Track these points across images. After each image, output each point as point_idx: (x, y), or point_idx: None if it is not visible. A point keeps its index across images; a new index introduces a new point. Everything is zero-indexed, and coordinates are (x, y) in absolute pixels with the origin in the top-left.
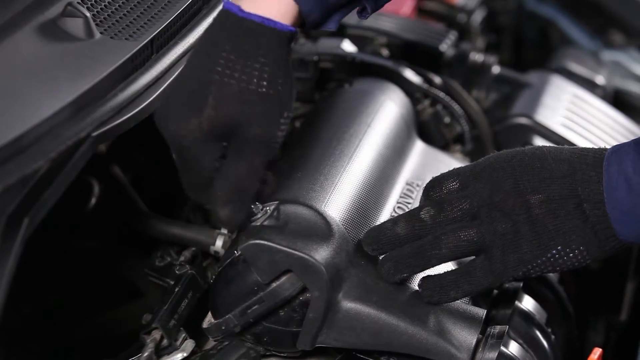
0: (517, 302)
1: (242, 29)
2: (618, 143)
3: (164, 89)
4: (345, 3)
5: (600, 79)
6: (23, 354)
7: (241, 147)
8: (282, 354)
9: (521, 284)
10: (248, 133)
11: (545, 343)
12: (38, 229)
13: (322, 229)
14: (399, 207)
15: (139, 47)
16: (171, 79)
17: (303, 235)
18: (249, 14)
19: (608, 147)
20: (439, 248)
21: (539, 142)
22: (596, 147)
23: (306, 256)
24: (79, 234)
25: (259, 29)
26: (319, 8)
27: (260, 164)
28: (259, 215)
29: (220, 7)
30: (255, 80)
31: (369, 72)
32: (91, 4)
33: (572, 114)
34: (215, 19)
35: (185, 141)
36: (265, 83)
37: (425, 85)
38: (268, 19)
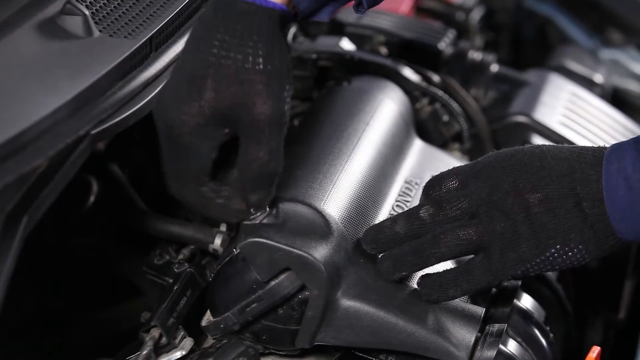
0: (515, 301)
1: (234, 10)
2: (617, 141)
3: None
4: None
5: (598, 78)
6: (22, 352)
7: (252, 129)
8: (280, 352)
9: (520, 283)
10: (254, 113)
11: (543, 341)
12: (37, 227)
13: (321, 227)
14: (397, 206)
15: (137, 45)
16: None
17: (302, 233)
18: None
19: (607, 145)
20: (438, 247)
21: (538, 140)
22: (595, 145)
23: (305, 254)
24: (77, 232)
25: (251, 8)
26: None
27: (277, 144)
28: (258, 214)
29: None
30: (250, 58)
31: (368, 70)
32: (90, 2)
33: (571, 113)
34: (208, 4)
35: (186, 127)
36: (261, 60)
37: (424, 84)
38: None
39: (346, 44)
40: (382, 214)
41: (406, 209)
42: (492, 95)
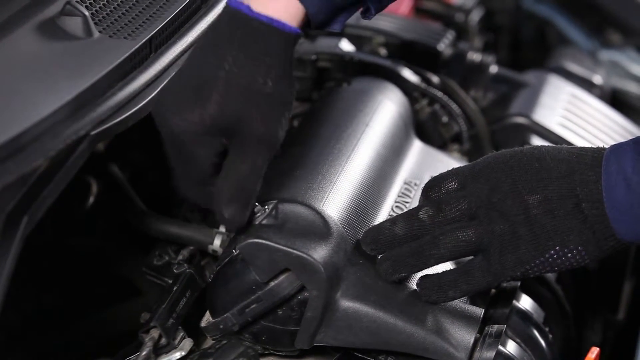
0: (514, 302)
1: (251, 28)
2: (616, 142)
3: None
4: (351, 4)
5: (597, 79)
6: (21, 352)
7: (244, 145)
8: (280, 353)
9: (519, 283)
10: (251, 131)
11: (542, 342)
12: (37, 227)
13: (320, 228)
14: (397, 207)
15: (137, 46)
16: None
17: (301, 234)
18: (258, 14)
19: (606, 146)
20: (437, 248)
21: (537, 141)
22: (594, 146)
23: (304, 255)
24: (77, 232)
25: (268, 29)
26: (325, 9)
27: (262, 162)
28: (257, 214)
29: (222, 4)
30: (261, 79)
31: (367, 71)
32: (90, 3)
33: (570, 114)
34: (222, 16)
35: (185, 134)
36: (270, 84)
37: (423, 85)
38: (276, 20)
39: (345, 45)
40: (382, 215)
41: (405, 210)
42: (491, 96)
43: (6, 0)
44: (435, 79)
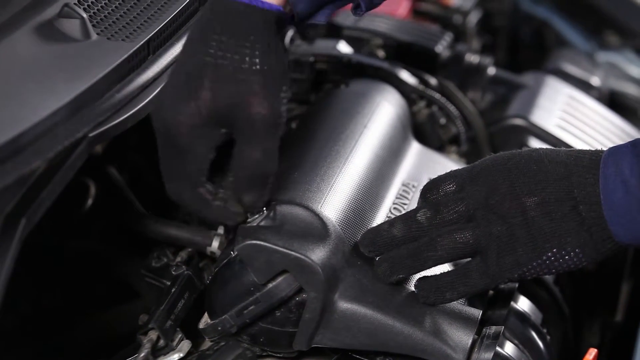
0: (512, 303)
1: (231, 11)
2: (613, 144)
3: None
4: None
5: (595, 80)
6: (19, 354)
7: (248, 129)
8: (278, 355)
9: (517, 285)
10: (250, 113)
11: (540, 343)
12: (35, 229)
13: (318, 230)
14: (395, 208)
15: (135, 48)
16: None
17: (299, 235)
18: None
19: (604, 148)
20: (434, 250)
21: (535, 143)
22: (592, 148)
23: (302, 257)
24: (75, 234)
25: (247, 9)
26: None
27: (273, 144)
28: (255, 216)
29: None
30: (247, 58)
31: (365, 73)
32: (88, 5)
33: (568, 115)
34: (205, 6)
35: (183, 127)
36: (257, 60)
37: (421, 87)
38: (255, 0)
39: (343, 47)
40: (380, 217)
41: (403, 211)
42: (489, 98)
43: (4, 2)
44: (433, 80)
